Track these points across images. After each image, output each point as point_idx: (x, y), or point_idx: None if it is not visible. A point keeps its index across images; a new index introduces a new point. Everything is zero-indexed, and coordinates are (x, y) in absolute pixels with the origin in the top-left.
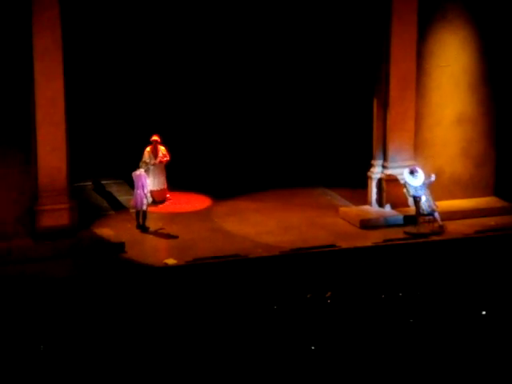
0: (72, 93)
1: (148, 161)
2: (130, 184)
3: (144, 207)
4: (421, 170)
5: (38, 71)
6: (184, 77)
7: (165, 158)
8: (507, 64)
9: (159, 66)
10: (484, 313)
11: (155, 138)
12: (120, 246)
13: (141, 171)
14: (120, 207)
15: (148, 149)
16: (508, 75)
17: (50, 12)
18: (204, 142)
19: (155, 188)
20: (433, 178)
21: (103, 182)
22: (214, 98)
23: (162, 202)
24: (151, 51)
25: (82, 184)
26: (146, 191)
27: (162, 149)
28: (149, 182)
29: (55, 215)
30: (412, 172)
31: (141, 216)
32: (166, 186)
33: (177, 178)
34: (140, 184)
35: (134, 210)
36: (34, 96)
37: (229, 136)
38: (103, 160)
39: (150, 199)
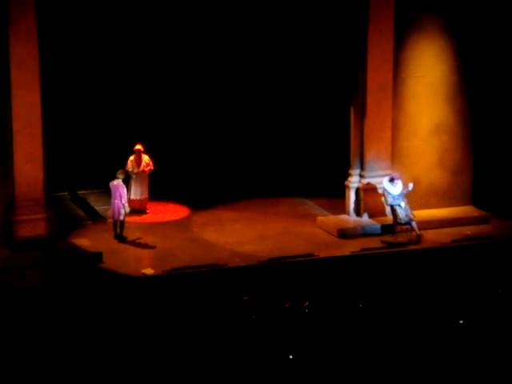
0: (49, 102)
1: (131, 170)
2: (109, 194)
3: (121, 217)
4: (400, 178)
5: (14, 81)
6: (162, 87)
7: (148, 168)
8: (484, 74)
9: (138, 76)
10: (461, 322)
11: (139, 147)
12: (97, 256)
13: (118, 181)
14: (98, 217)
15: (131, 158)
16: (484, 85)
17: (27, 22)
18: (183, 152)
19: (137, 197)
20: (410, 187)
21: (81, 191)
22: (193, 107)
23: (143, 211)
24: (131, 60)
25: (59, 194)
26: (123, 201)
27: (145, 158)
28: (131, 190)
29: (32, 225)
30: (392, 180)
31: (118, 226)
32: (147, 196)
33: (156, 187)
34: (118, 194)
35: (111, 220)
36: (10, 106)
37: (208, 146)
38: (81, 170)
39: (128, 209)
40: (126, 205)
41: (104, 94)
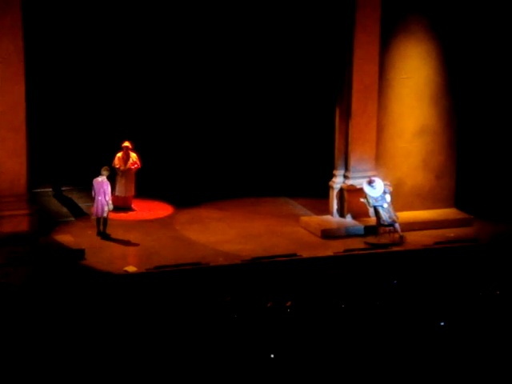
0: (34, 98)
1: (118, 166)
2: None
3: (105, 214)
4: (379, 180)
5: None
6: (150, 86)
7: (134, 165)
8: (469, 77)
9: (126, 72)
10: (442, 324)
11: (127, 144)
12: (80, 253)
13: (103, 178)
14: (81, 214)
15: (119, 154)
16: (469, 88)
17: (12, 16)
18: (168, 150)
19: (121, 194)
20: (387, 189)
21: (64, 188)
22: (179, 106)
23: (127, 208)
24: (118, 56)
25: (42, 190)
26: (107, 198)
27: (133, 155)
28: (116, 187)
29: (14, 221)
30: (370, 182)
31: (101, 223)
32: (132, 194)
33: (141, 184)
34: (102, 191)
35: (94, 217)
36: None
37: (192, 144)
38: (65, 166)
39: (111, 206)
40: (110, 202)
41: (90, 90)
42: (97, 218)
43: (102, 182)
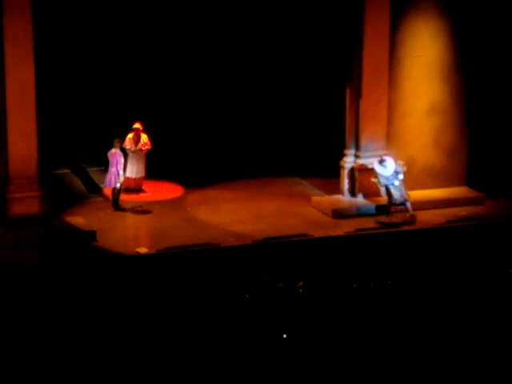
0: (46, 81)
1: (129, 148)
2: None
3: (118, 185)
4: (391, 158)
5: (8, 57)
6: (160, 68)
7: (145, 147)
8: (479, 54)
9: (137, 53)
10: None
11: (137, 125)
12: (91, 235)
13: (116, 150)
14: (93, 195)
15: (130, 136)
16: (480, 66)
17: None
18: (178, 131)
19: (133, 176)
20: (400, 169)
21: (80, 168)
22: (189, 87)
23: (138, 190)
24: (129, 38)
25: (58, 171)
26: (119, 168)
27: (143, 137)
28: (127, 168)
29: (26, 203)
30: (381, 162)
31: (115, 193)
32: (143, 175)
33: (152, 165)
34: (114, 161)
35: (108, 188)
36: (4, 82)
37: (202, 125)
38: (78, 148)
39: (123, 177)
40: (121, 172)
41: (101, 73)
42: (112, 189)
43: (114, 153)
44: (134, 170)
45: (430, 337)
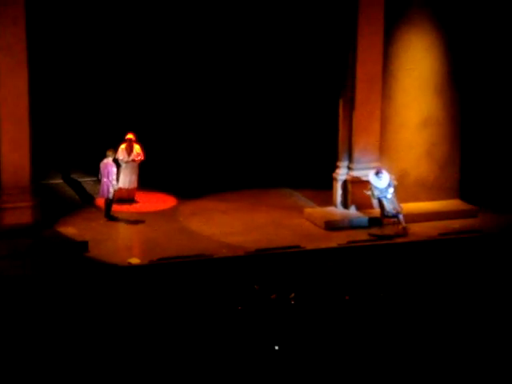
0: (38, 90)
1: (121, 158)
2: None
3: (110, 195)
4: (386, 171)
5: (1, 66)
6: (153, 78)
7: (138, 157)
8: (472, 67)
9: (129, 64)
10: (445, 314)
11: (130, 136)
12: (83, 245)
13: (108, 160)
14: (85, 205)
15: (123, 146)
16: (473, 79)
17: (14, 8)
18: (171, 142)
19: (125, 186)
20: (392, 183)
21: (73, 179)
22: (182, 97)
23: (131, 200)
24: (122, 48)
25: (50, 182)
26: (111, 178)
27: (136, 147)
28: (120, 179)
29: (18, 213)
30: (377, 173)
31: (107, 203)
32: (136, 186)
33: (144, 176)
34: (106, 172)
35: (100, 197)
36: None
37: (196, 136)
38: (70, 158)
39: (116, 186)
40: (114, 182)
41: (94, 83)
42: (104, 200)
43: (106, 163)
44: (126, 180)
45: (423, 349)
